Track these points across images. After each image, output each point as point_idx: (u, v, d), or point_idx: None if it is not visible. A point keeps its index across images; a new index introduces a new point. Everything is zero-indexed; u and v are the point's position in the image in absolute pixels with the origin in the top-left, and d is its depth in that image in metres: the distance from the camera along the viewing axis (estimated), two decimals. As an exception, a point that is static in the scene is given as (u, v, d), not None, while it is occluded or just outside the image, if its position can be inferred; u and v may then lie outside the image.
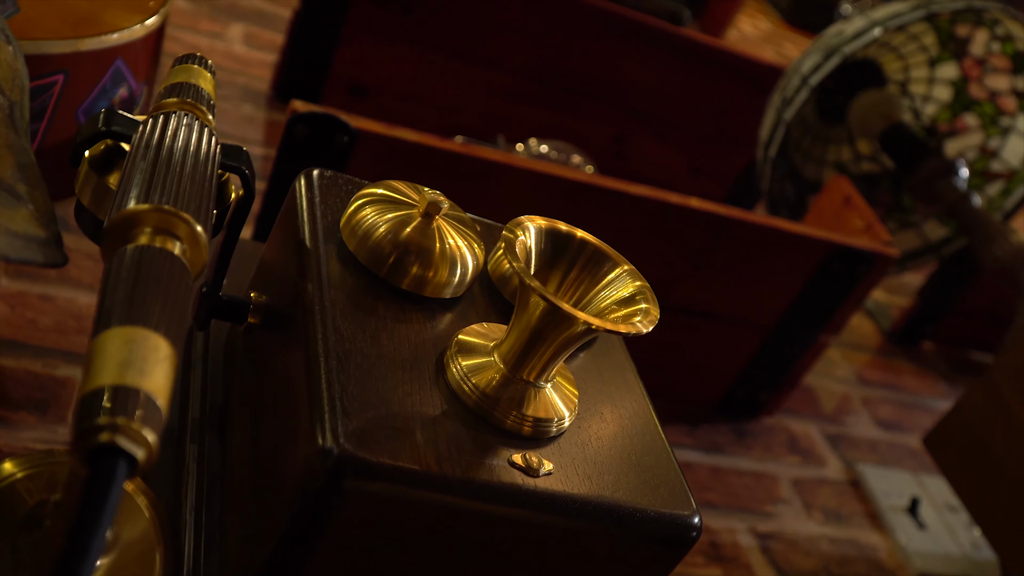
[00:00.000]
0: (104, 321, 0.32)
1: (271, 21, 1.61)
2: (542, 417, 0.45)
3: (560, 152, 1.20)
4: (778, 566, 1.07)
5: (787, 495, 1.17)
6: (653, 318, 0.44)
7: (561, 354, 0.45)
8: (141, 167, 0.40)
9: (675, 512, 0.46)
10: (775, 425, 1.27)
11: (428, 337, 0.47)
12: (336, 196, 0.54)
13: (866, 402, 1.42)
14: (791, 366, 1.19)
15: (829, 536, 1.14)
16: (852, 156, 1.49)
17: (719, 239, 1.03)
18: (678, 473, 0.48)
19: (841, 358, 1.49)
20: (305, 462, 0.40)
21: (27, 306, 0.90)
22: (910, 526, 1.20)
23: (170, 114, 0.45)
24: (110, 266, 0.35)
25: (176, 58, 0.52)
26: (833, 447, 1.29)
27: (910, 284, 1.74)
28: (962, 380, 1.59)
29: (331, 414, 0.40)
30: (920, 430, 1.41)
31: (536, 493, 0.42)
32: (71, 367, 0.86)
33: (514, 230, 0.44)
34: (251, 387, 0.51)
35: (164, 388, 0.30)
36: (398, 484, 0.40)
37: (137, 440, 0.28)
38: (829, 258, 1.08)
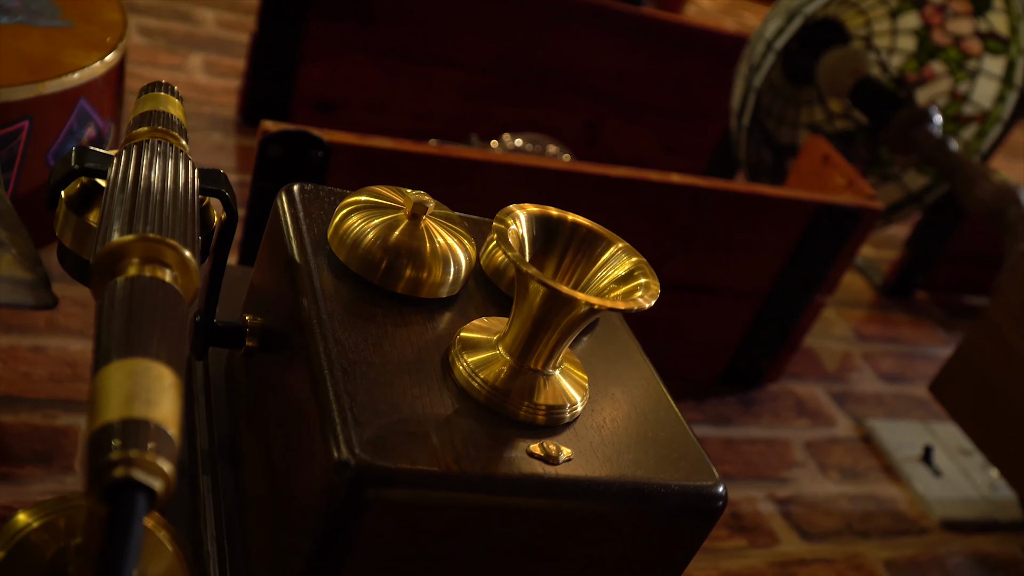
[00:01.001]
0: (103, 356, 0.31)
1: (229, 47, 1.60)
2: (554, 404, 0.45)
3: (535, 144, 1.20)
4: (801, 529, 1.06)
5: (801, 458, 1.17)
6: (654, 292, 0.44)
7: (566, 339, 0.44)
8: (120, 199, 0.39)
9: (699, 484, 0.45)
10: (780, 390, 1.27)
11: (430, 338, 0.47)
12: (319, 208, 0.53)
13: (867, 357, 1.42)
14: (789, 330, 1.18)
15: (848, 494, 1.14)
16: (825, 116, 1.49)
17: (704, 212, 1.03)
18: (696, 445, 0.48)
19: (837, 317, 1.49)
20: (323, 477, 0.39)
21: (19, 359, 0.89)
22: (926, 475, 1.21)
23: (143, 144, 0.44)
24: (102, 301, 0.34)
25: (141, 88, 0.51)
26: (840, 405, 1.29)
27: (896, 236, 1.75)
28: (959, 325, 1.60)
29: (343, 426, 0.40)
30: (924, 379, 1.41)
31: (559, 481, 0.42)
32: (71, 415, 0.86)
33: (505, 219, 0.44)
34: (258, 411, 0.50)
35: (173, 416, 0.30)
36: (419, 488, 0.39)
37: (153, 471, 0.28)
38: (815, 218, 1.08)
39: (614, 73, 1.51)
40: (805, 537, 1.05)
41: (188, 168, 0.43)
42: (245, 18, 1.70)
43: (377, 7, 1.34)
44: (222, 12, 1.71)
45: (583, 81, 1.50)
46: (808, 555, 1.03)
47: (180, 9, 1.67)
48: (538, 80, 1.47)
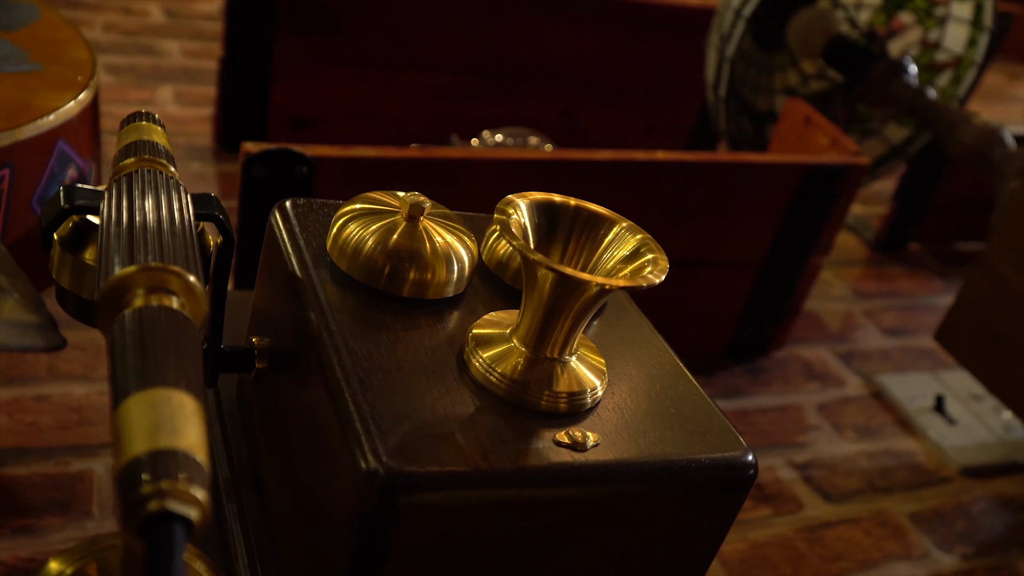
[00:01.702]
0: (122, 391, 0.30)
1: (198, 76, 1.59)
2: (575, 391, 0.44)
3: (516, 137, 1.19)
4: (824, 492, 1.06)
5: (815, 421, 1.17)
6: (663, 267, 0.43)
7: (579, 324, 0.44)
8: (117, 233, 0.38)
9: (728, 455, 0.45)
10: (787, 357, 1.27)
11: (442, 339, 0.46)
12: (314, 221, 0.52)
13: (868, 314, 1.42)
14: (790, 295, 1.18)
15: (865, 452, 1.14)
16: (799, 79, 1.49)
17: (692, 187, 1.03)
18: (720, 416, 0.48)
19: (834, 277, 1.49)
20: (353, 489, 0.38)
21: (24, 410, 0.88)
22: (940, 424, 1.21)
23: (132, 175, 0.43)
24: (112, 336, 0.34)
25: (122, 120, 0.51)
26: (848, 365, 1.29)
27: (883, 191, 1.75)
28: (955, 272, 1.60)
29: (367, 435, 0.39)
30: (927, 329, 1.42)
31: (589, 467, 0.41)
32: (83, 460, 0.85)
33: (505, 210, 0.43)
34: (276, 432, 0.50)
35: (200, 443, 0.29)
36: (451, 489, 0.39)
37: (188, 500, 0.27)
38: (803, 181, 1.08)
39: (585, 59, 1.51)
40: (829, 499, 1.05)
41: (181, 194, 0.43)
42: (210, 45, 1.70)
43: (342, 18, 1.34)
44: (186, 42, 1.70)
45: (555, 70, 1.50)
46: (833, 517, 1.03)
47: (144, 43, 1.66)
48: (511, 74, 1.47)
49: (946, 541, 1.04)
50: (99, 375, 0.94)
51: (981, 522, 1.08)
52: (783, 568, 0.95)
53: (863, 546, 1.00)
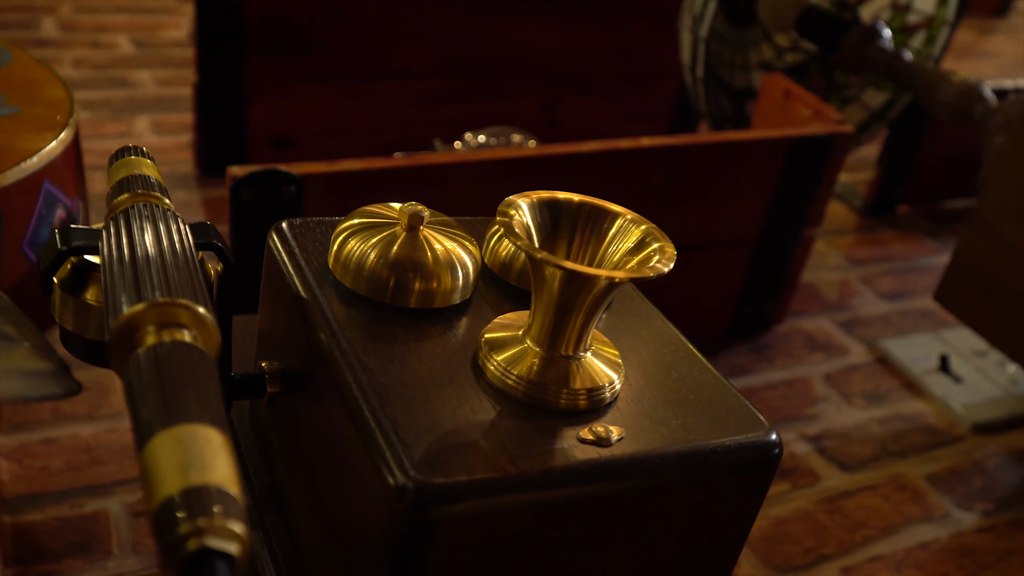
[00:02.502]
0: (146, 431, 0.30)
1: (173, 104, 1.59)
2: (593, 387, 0.44)
3: (499, 137, 1.19)
4: (839, 462, 1.06)
5: (823, 392, 1.17)
6: (670, 255, 0.43)
7: (592, 319, 0.44)
8: (121, 271, 0.38)
9: (752, 436, 0.45)
10: (788, 330, 1.27)
11: (454, 346, 0.46)
12: (313, 240, 0.52)
13: (865, 281, 1.42)
14: (786, 269, 1.18)
15: (876, 418, 1.14)
16: (774, 53, 1.49)
17: (680, 170, 1.03)
18: (739, 398, 0.47)
19: (827, 247, 1.49)
20: (383, 507, 0.38)
21: (33, 455, 0.88)
22: (947, 383, 1.21)
23: (128, 210, 0.43)
24: (129, 376, 0.33)
25: (110, 157, 0.50)
26: (849, 333, 1.29)
27: (868, 157, 1.75)
28: (946, 231, 1.60)
29: (392, 451, 0.39)
30: (924, 291, 1.42)
31: (616, 461, 0.41)
32: (98, 500, 0.84)
33: (507, 211, 0.43)
34: (295, 455, 0.49)
35: (231, 476, 0.29)
36: (482, 497, 0.38)
37: (226, 535, 0.27)
38: (790, 153, 1.08)
39: (559, 52, 1.51)
40: (845, 469, 1.05)
41: (180, 225, 0.42)
42: (182, 72, 1.69)
43: (311, 35, 1.33)
44: (158, 71, 1.69)
45: (530, 66, 1.50)
46: (851, 486, 1.03)
47: (116, 76, 1.65)
48: (486, 74, 1.47)
49: (965, 499, 1.04)
50: (104, 414, 0.93)
51: (998, 477, 1.08)
52: (807, 542, 0.95)
53: (884, 512, 1.00)
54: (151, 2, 1.97)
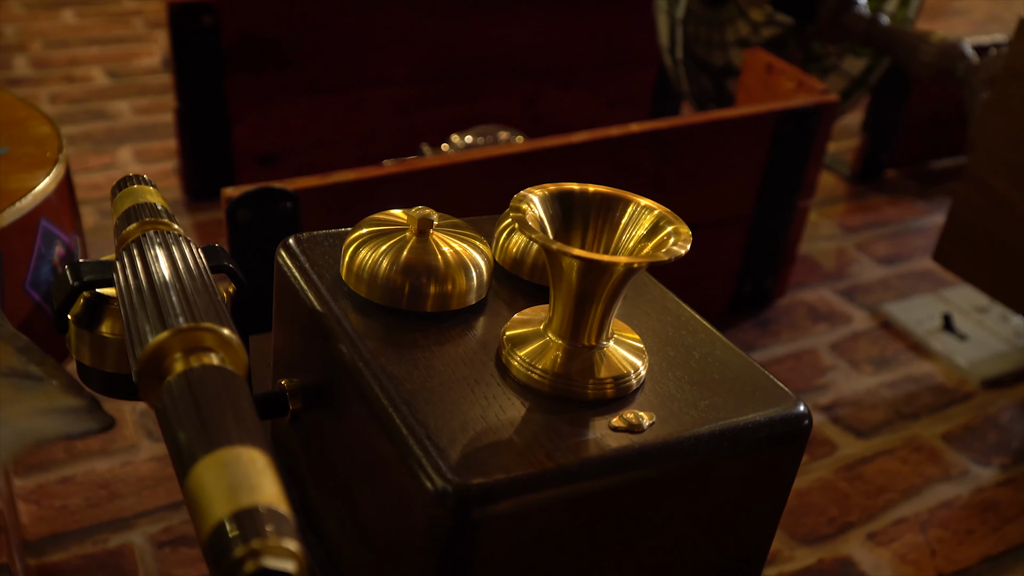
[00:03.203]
0: (188, 458, 0.30)
1: (154, 131, 1.58)
2: (619, 374, 0.44)
3: (486, 136, 1.19)
4: (854, 429, 1.07)
5: (831, 361, 1.17)
6: (685, 236, 0.43)
7: (612, 307, 0.44)
8: (140, 301, 0.38)
9: (781, 409, 0.45)
10: (790, 303, 1.27)
11: (476, 347, 0.46)
12: (322, 254, 0.52)
13: (861, 248, 1.43)
14: (783, 242, 1.19)
15: (886, 382, 1.14)
16: (750, 28, 1.49)
17: (670, 153, 1.03)
18: (764, 374, 0.47)
19: (820, 217, 1.49)
20: (424, 513, 0.38)
21: (52, 495, 0.87)
22: (952, 342, 1.21)
23: (139, 239, 0.42)
24: (162, 405, 0.33)
25: (112, 188, 0.50)
26: (851, 300, 1.29)
27: (851, 125, 1.75)
28: (935, 192, 1.61)
29: (428, 457, 0.39)
30: (920, 252, 1.42)
31: (651, 447, 0.41)
32: (120, 534, 0.84)
33: (519, 206, 0.43)
34: (326, 471, 0.49)
35: (279, 495, 0.29)
36: (522, 494, 0.38)
37: (282, 554, 0.27)
38: (778, 127, 1.08)
39: (537, 46, 1.50)
40: (860, 436, 1.06)
41: (193, 249, 0.42)
42: (160, 99, 1.68)
43: (289, 49, 1.33)
44: (135, 99, 1.69)
45: (509, 63, 1.49)
46: (868, 452, 1.04)
47: (93, 108, 1.64)
48: (466, 74, 1.47)
49: (982, 455, 1.04)
50: (118, 448, 0.93)
51: (1012, 430, 1.08)
52: (830, 511, 0.95)
53: (903, 475, 1.00)
54: (121, 31, 1.96)
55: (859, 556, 0.90)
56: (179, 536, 0.83)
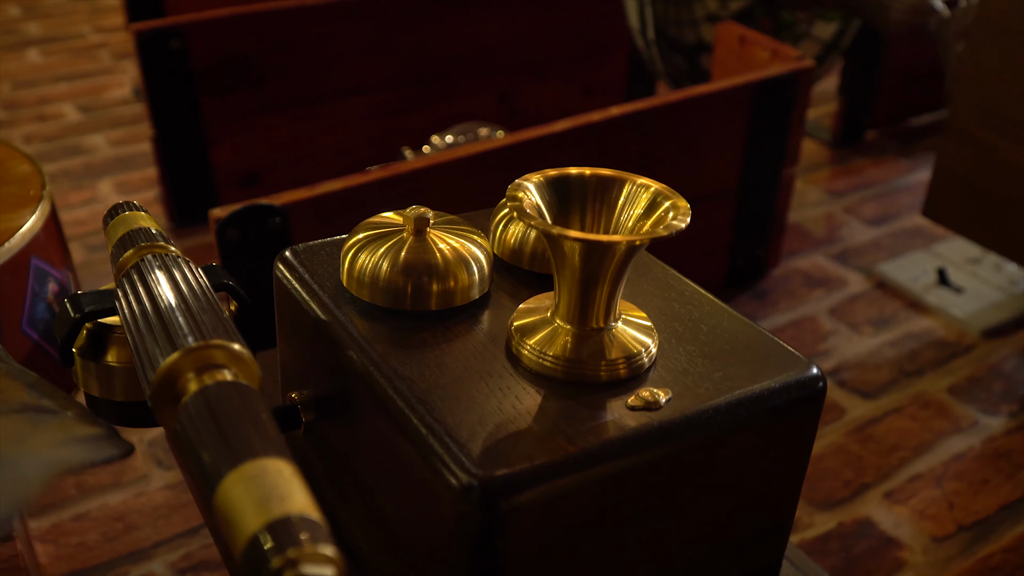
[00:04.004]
0: (214, 475, 0.29)
1: (132, 162, 1.57)
2: (630, 354, 0.44)
3: (466, 133, 1.19)
4: (861, 391, 1.07)
5: (831, 327, 1.17)
6: (684, 210, 0.43)
7: (617, 288, 0.43)
8: (147, 325, 0.37)
9: (795, 374, 0.45)
10: (784, 272, 1.27)
11: (484, 340, 0.46)
12: (320, 263, 0.51)
13: (848, 211, 1.43)
14: (772, 212, 1.19)
15: (887, 342, 1.15)
16: (718, 3, 1.49)
17: (653, 133, 1.03)
18: (774, 341, 0.47)
19: (805, 185, 1.49)
20: (452, 509, 0.38)
21: (67, 533, 0.87)
22: (949, 296, 1.22)
23: (137, 264, 0.42)
24: (180, 426, 0.33)
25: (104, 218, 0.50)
26: (844, 264, 1.30)
27: (827, 91, 1.76)
28: (918, 148, 1.61)
29: (449, 453, 0.38)
30: (908, 209, 1.43)
31: (670, 423, 0.41)
32: (140, 565, 0.83)
33: (515, 194, 0.42)
34: (344, 479, 0.49)
35: (310, 502, 0.29)
36: (547, 481, 0.38)
37: (319, 560, 0.27)
38: (756, 98, 1.08)
39: (508, 41, 1.50)
40: (867, 397, 1.06)
41: (193, 269, 0.42)
42: (135, 129, 1.67)
43: (260, 66, 1.32)
44: (109, 132, 1.68)
45: (481, 61, 1.49)
46: (877, 412, 1.04)
47: (69, 145, 1.63)
48: (440, 75, 1.46)
49: (989, 405, 1.05)
50: (129, 479, 0.92)
51: (1016, 378, 1.09)
52: (845, 474, 0.95)
53: (913, 432, 1.01)
54: (89, 66, 1.95)
55: (878, 516, 0.90)
56: (200, 561, 0.83)
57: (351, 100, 1.40)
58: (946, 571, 0.85)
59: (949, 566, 0.86)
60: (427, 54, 1.44)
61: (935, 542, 0.88)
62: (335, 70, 1.37)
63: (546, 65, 1.55)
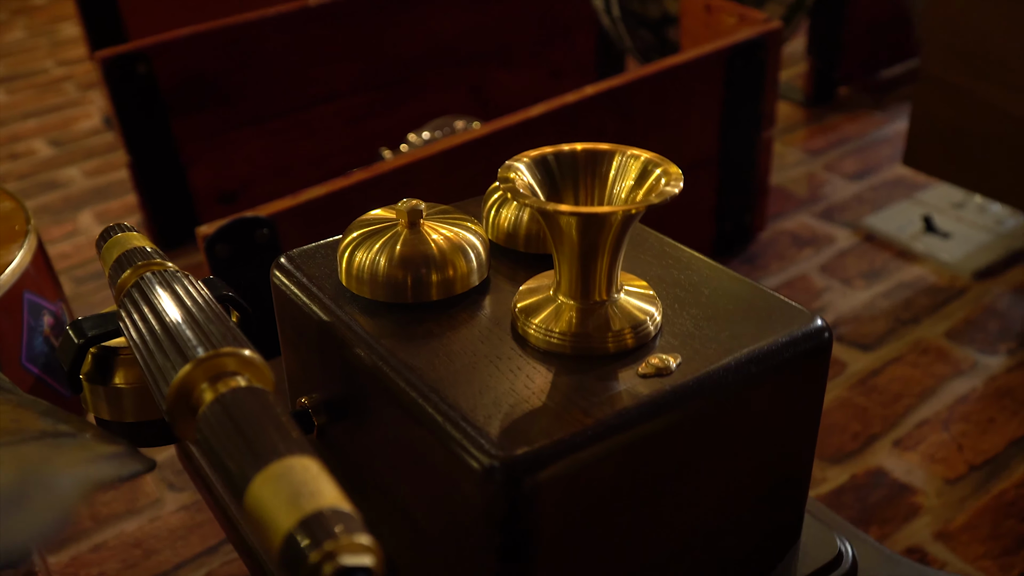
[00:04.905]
0: (241, 480, 0.30)
1: (110, 191, 1.57)
2: (636, 323, 0.44)
3: (443, 128, 1.19)
4: (859, 344, 1.07)
5: (824, 283, 1.18)
6: (676, 176, 0.43)
7: (616, 259, 0.44)
8: (155, 342, 0.37)
9: (800, 327, 0.45)
10: (772, 235, 1.28)
11: (489, 325, 0.46)
12: (317, 265, 0.51)
13: (829, 168, 1.44)
14: (754, 176, 1.19)
15: (880, 293, 1.15)
16: (678, -26, 1.49)
17: (630, 108, 1.03)
18: (776, 296, 0.48)
19: (783, 146, 1.50)
20: (477, 492, 0.38)
21: (88, 565, 0.86)
22: (936, 242, 1.22)
23: (137, 283, 0.42)
24: (201, 436, 0.33)
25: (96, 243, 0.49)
26: (830, 221, 1.30)
27: (796, 52, 1.76)
28: (890, 99, 1.62)
29: (468, 438, 0.38)
30: (888, 161, 1.43)
31: (683, 387, 0.41)
32: (165, 588, 0.83)
33: (507, 175, 0.43)
34: (363, 478, 0.49)
35: (339, 495, 0.29)
36: (567, 455, 0.38)
37: (357, 550, 0.27)
38: (729, 63, 1.08)
39: (472, 33, 1.50)
40: (867, 349, 1.06)
41: (193, 281, 0.42)
42: (108, 158, 1.66)
43: (228, 82, 1.31)
44: (83, 163, 1.67)
45: (447, 54, 1.49)
46: (877, 363, 1.05)
47: (44, 180, 1.62)
48: (408, 74, 1.46)
49: (987, 345, 1.05)
50: (142, 505, 0.92)
51: (1011, 315, 1.09)
52: (852, 427, 0.96)
53: (915, 379, 1.01)
54: (55, 99, 1.94)
55: (889, 465, 0.91)
56: (222, 579, 0.83)
57: (322, 108, 1.39)
58: (961, 512, 0.86)
59: (964, 506, 0.86)
60: (392, 54, 1.44)
61: (948, 484, 0.89)
62: (302, 79, 1.37)
63: (512, 52, 1.55)
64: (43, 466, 0.28)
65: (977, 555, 0.81)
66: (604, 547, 0.42)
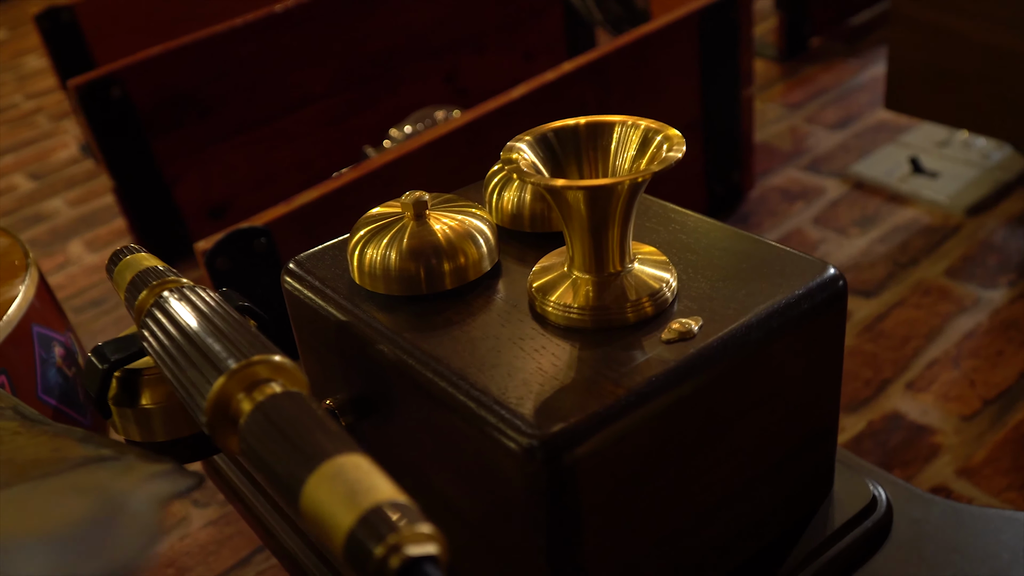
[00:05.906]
0: (295, 484, 0.30)
1: (97, 218, 1.56)
2: (653, 290, 0.44)
3: (424, 119, 1.19)
4: (861, 291, 1.08)
5: (819, 235, 1.18)
6: (677, 140, 0.43)
7: (627, 229, 0.44)
8: (184, 358, 0.37)
9: (816, 277, 0.45)
10: (762, 192, 1.28)
11: (506, 307, 0.46)
12: (327, 267, 0.52)
13: (811, 120, 1.44)
14: (738, 135, 1.19)
15: (876, 238, 1.16)
16: (641, -58, 1.49)
17: (609, 80, 1.03)
18: (786, 250, 0.48)
19: (762, 104, 1.50)
20: (518, 474, 0.38)
21: (121, 590, 0.86)
22: (926, 182, 1.23)
23: (156, 302, 0.42)
24: (246, 446, 0.33)
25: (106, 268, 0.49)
26: (818, 172, 1.31)
27: (765, 8, 1.76)
28: (863, 45, 1.62)
29: (503, 421, 0.39)
30: (868, 107, 1.44)
31: (708, 348, 0.42)
32: (201, 605, 0.84)
33: (510, 156, 0.43)
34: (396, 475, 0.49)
35: (393, 488, 0.29)
36: (603, 427, 0.39)
37: (420, 540, 0.27)
38: (702, 25, 1.08)
39: (441, 23, 1.50)
40: (869, 296, 1.07)
41: (210, 294, 0.42)
42: (91, 185, 1.66)
43: (203, 97, 1.31)
44: (66, 193, 1.66)
45: (418, 46, 1.49)
46: (881, 308, 1.05)
47: (29, 214, 1.62)
48: (382, 70, 1.46)
49: (988, 279, 1.06)
50: (170, 525, 0.92)
51: (1008, 248, 1.10)
52: (864, 373, 0.96)
53: (921, 320, 1.02)
54: (29, 133, 1.93)
55: (905, 407, 0.92)
56: (258, 590, 0.83)
57: (300, 112, 1.39)
58: (981, 447, 0.86)
59: (983, 441, 0.87)
60: (364, 51, 1.43)
61: (964, 421, 0.89)
62: (278, 86, 1.36)
63: (483, 38, 1.55)
64: (111, 489, 0.28)
65: (1001, 487, 0.82)
66: (645, 511, 0.42)
